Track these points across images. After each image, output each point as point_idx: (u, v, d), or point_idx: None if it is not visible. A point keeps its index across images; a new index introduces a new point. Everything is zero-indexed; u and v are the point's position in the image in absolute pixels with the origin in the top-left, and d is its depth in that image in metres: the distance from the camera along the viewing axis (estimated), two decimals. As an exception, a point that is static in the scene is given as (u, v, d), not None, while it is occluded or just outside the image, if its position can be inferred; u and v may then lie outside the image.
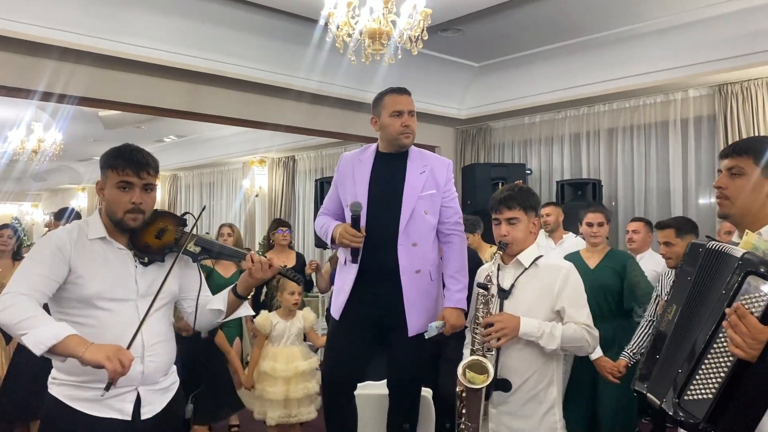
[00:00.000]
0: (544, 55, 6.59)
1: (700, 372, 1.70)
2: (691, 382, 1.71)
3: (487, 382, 2.41)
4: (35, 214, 18.86)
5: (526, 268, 2.59)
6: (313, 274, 5.58)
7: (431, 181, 2.99)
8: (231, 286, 2.35)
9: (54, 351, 1.84)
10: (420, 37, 4.22)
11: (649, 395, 1.89)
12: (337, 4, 4.16)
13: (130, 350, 1.92)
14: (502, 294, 2.57)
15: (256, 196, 11.00)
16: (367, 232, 2.91)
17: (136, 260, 2.17)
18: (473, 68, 7.19)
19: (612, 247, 4.27)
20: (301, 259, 5.71)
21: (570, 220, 5.56)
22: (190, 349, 3.44)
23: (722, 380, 1.65)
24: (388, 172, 3.03)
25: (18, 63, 4.89)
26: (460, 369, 2.47)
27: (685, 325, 1.82)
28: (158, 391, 2.18)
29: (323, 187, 8.06)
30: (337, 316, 3.04)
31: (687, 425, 1.73)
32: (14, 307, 1.89)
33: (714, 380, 1.67)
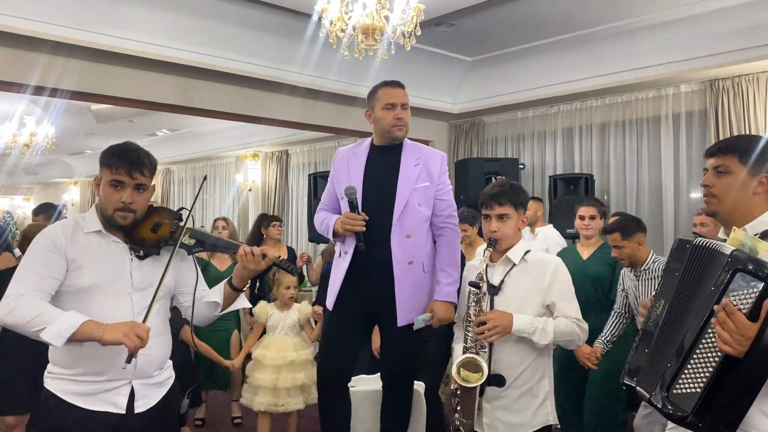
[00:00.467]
0: (537, 50, 6.60)
1: (689, 367, 1.73)
2: (680, 377, 1.74)
3: (482, 381, 2.44)
4: (27, 208, 18.75)
5: (515, 264, 2.61)
6: (305, 267, 5.66)
7: (425, 174, 3.01)
8: (227, 279, 2.35)
9: (72, 339, 1.91)
10: (413, 33, 4.22)
11: (639, 389, 1.92)
12: (331, 0, 4.17)
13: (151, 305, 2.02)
14: (492, 290, 2.58)
15: (250, 190, 10.98)
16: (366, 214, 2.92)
17: (131, 253, 2.18)
18: (466, 63, 7.20)
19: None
20: (292, 253, 5.78)
21: (563, 215, 5.62)
22: None
23: (710, 375, 1.67)
24: (382, 165, 3.04)
25: (10, 57, 4.87)
26: (454, 368, 2.49)
27: (674, 320, 1.85)
28: (153, 386, 2.19)
29: (317, 181, 8.05)
30: (331, 308, 3.07)
31: (675, 418, 1.76)
32: (20, 308, 1.93)
33: (702, 375, 1.70)
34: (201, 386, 4.79)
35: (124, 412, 2.09)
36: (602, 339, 3.71)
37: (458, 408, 2.54)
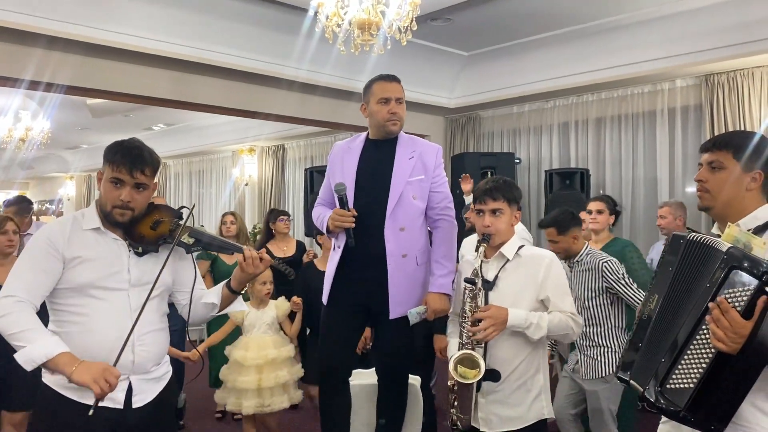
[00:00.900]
0: (533, 44, 6.61)
1: (682, 362, 1.74)
2: (673, 372, 1.75)
3: (479, 377, 2.45)
4: (23, 203, 18.72)
5: (509, 260, 2.62)
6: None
7: (420, 167, 3.00)
8: (225, 281, 2.36)
9: (44, 366, 1.94)
10: (409, 28, 4.22)
11: (632, 382, 1.93)
12: (327, -6, 4.17)
13: (126, 343, 2.00)
14: (486, 285, 2.59)
15: (246, 184, 10.98)
16: (357, 211, 2.92)
17: (130, 250, 2.19)
18: (463, 57, 7.20)
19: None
20: (301, 247, 5.74)
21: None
22: None
23: (703, 371, 1.68)
24: (377, 158, 3.04)
25: (5, 51, 4.86)
26: (451, 364, 2.50)
27: (668, 315, 1.86)
28: (150, 381, 2.20)
29: (313, 175, 8.05)
30: (326, 302, 3.07)
31: (668, 413, 1.77)
32: (11, 316, 1.96)
33: (695, 371, 1.70)
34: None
35: (122, 407, 2.10)
36: None
37: (455, 403, 2.55)
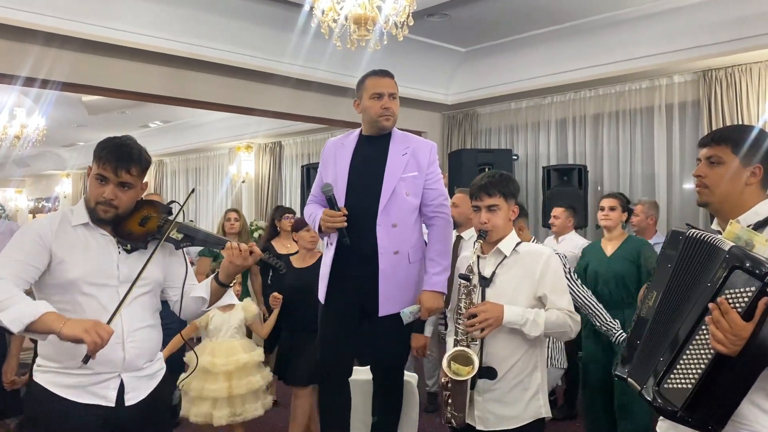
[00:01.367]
0: (530, 40, 6.58)
1: (681, 362, 1.71)
2: (672, 371, 1.73)
3: (473, 374, 2.43)
4: (19, 200, 18.70)
5: (506, 256, 2.59)
6: None
7: (413, 163, 2.97)
8: (214, 274, 2.34)
9: (32, 329, 1.86)
10: (405, 23, 4.20)
11: (630, 380, 1.91)
12: (322, -10, 4.14)
13: (119, 307, 1.98)
14: (484, 282, 2.57)
15: (243, 182, 10.96)
16: (349, 207, 2.91)
17: (119, 247, 2.17)
18: (460, 53, 7.17)
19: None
20: None
21: (554, 204, 5.62)
22: None
23: (702, 372, 1.66)
24: (370, 155, 3.01)
25: (1, 48, 4.82)
26: (445, 361, 2.48)
27: (667, 313, 1.83)
28: (143, 378, 2.18)
29: (310, 172, 8.04)
30: (323, 301, 3.05)
31: (665, 412, 1.75)
32: None
33: (694, 371, 1.68)
34: None
35: (114, 405, 2.08)
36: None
37: (449, 401, 2.53)
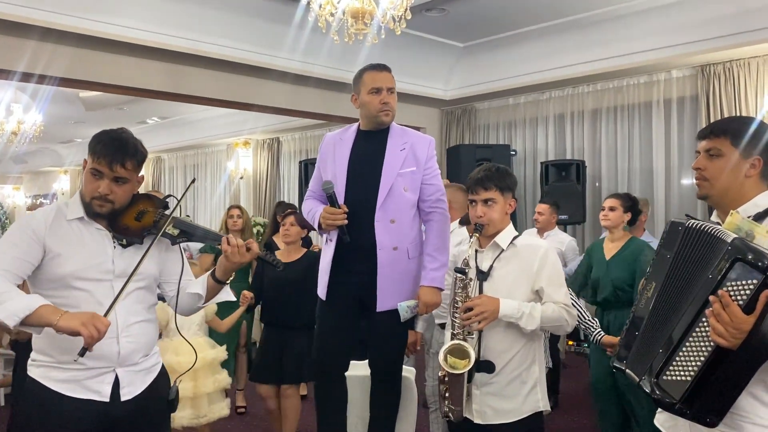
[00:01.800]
0: (528, 35, 6.57)
1: (680, 354, 1.70)
2: (671, 364, 1.72)
3: (469, 367, 2.42)
4: (17, 197, 18.66)
5: (503, 250, 2.59)
6: None
7: (411, 158, 2.96)
8: (210, 271, 2.32)
9: (28, 322, 1.86)
10: (403, 17, 4.19)
11: (628, 371, 1.91)
12: (320, -17, 4.13)
13: (115, 299, 1.97)
14: (481, 276, 2.56)
15: (241, 178, 10.95)
16: (348, 203, 2.90)
17: (114, 242, 2.15)
18: (458, 48, 7.16)
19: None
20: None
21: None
22: None
23: (701, 364, 1.65)
24: (368, 150, 2.99)
25: (-3, 43, 4.82)
26: (441, 354, 2.48)
27: (666, 305, 1.82)
28: (139, 372, 2.16)
29: (308, 168, 8.03)
30: (323, 297, 3.03)
31: (663, 404, 1.74)
32: None
33: (693, 364, 1.67)
34: None
35: (109, 400, 2.07)
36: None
37: (446, 395, 2.53)
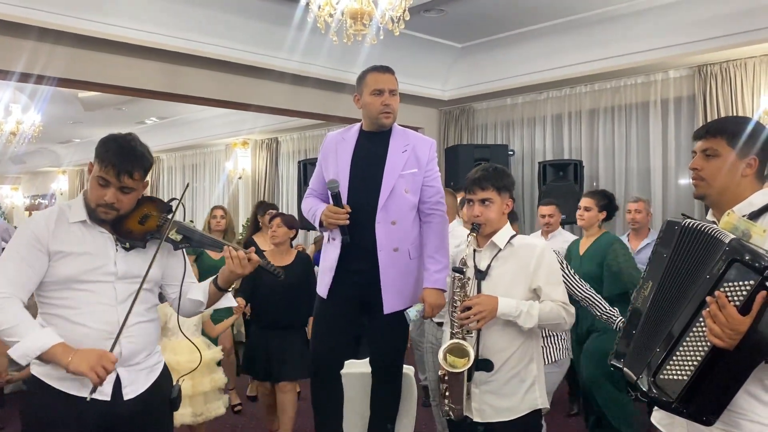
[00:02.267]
0: (526, 35, 6.58)
1: (677, 354, 1.72)
2: (668, 363, 1.73)
3: (468, 366, 2.44)
4: (15, 197, 18.65)
5: (501, 249, 2.60)
6: None
7: (413, 160, 2.98)
8: (212, 278, 2.33)
9: (39, 358, 1.95)
10: (402, 18, 4.20)
11: (626, 370, 1.92)
12: (319, -16, 4.14)
13: (120, 332, 2.02)
14: (479, 275, 2.58)
15: (240, 178, 10.95)
16: (350, 204, 2.91)
17: (117, 245, 2.16)
18: (456, 49, 7.17)
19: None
20: None
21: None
22: None
23: (698, 364, 1.66)
24: (370, 151, 3.01)
25: (-5, 43, 4.82)
26: (441, 353, 2.49)
27: (663, 304, 1.83)
28: (141, 371, 2.18)
29: (306, 168, 8.04)
30: (324, 295, 3.05)
31: (660, 403, 1.76)
32: (1, 312, 1.94)
33: (690, 363, 1.68)
34: None
35: (110, 399, 2.08)
36: None
37: (446, 393, 2.54)
